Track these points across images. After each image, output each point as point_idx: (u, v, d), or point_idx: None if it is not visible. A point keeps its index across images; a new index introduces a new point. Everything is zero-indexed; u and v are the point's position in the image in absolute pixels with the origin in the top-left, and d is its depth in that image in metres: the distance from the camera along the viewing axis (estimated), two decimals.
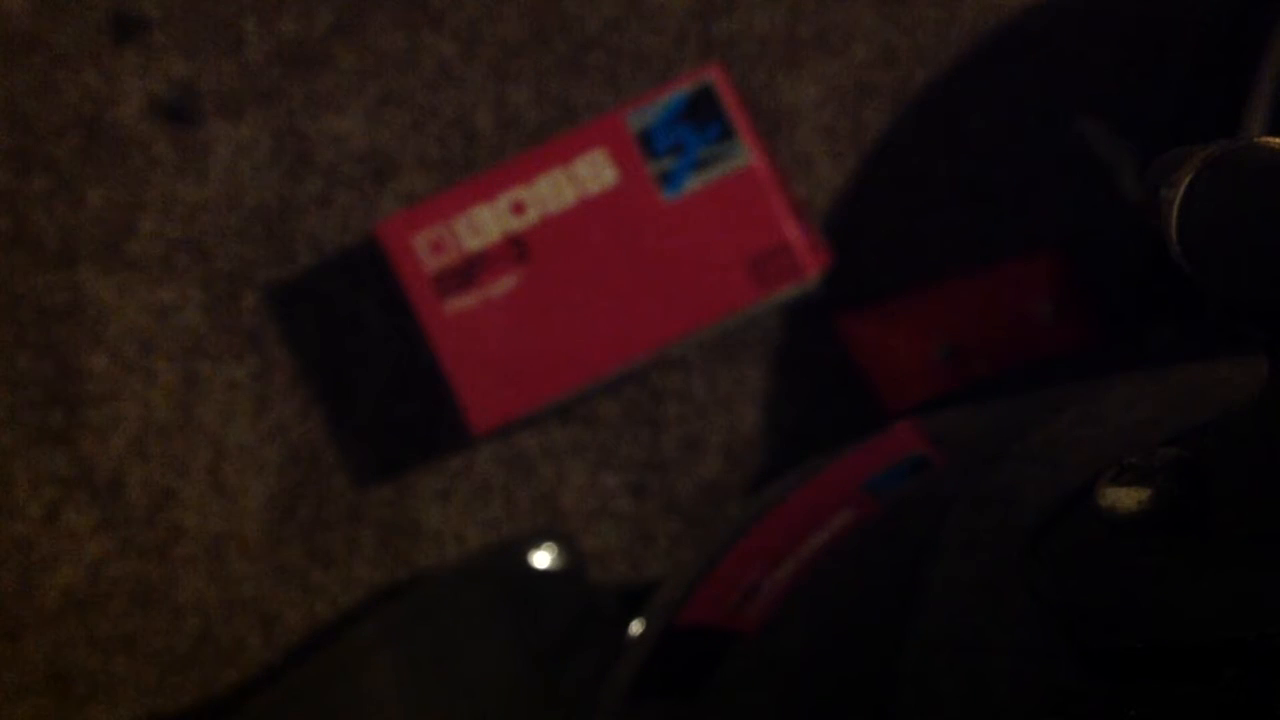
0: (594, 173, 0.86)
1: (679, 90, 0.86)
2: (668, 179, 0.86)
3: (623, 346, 0.86)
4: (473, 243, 0.87)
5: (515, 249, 0.87)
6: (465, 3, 0.95)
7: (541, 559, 0.89)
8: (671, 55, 0.94)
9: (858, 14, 0.94)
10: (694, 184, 0.86)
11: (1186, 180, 0.38)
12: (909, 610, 0.47)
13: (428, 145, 0.95)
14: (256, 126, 0.96)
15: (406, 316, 0.93)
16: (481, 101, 0.95)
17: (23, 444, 0.97)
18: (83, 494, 0.96)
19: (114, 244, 0.96)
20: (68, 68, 0.97)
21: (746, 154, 0.86)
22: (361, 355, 0.95)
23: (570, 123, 0.94)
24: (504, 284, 0.87)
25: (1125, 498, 0.39)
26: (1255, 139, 0.37)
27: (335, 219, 0.96)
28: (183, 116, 0.96)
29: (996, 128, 0.93)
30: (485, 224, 0.87)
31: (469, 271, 0.87)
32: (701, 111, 0.86)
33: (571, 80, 0.95)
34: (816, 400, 0.94)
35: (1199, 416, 0.41)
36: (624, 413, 0.95)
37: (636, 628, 0.63)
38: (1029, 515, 0.45)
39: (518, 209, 0.87)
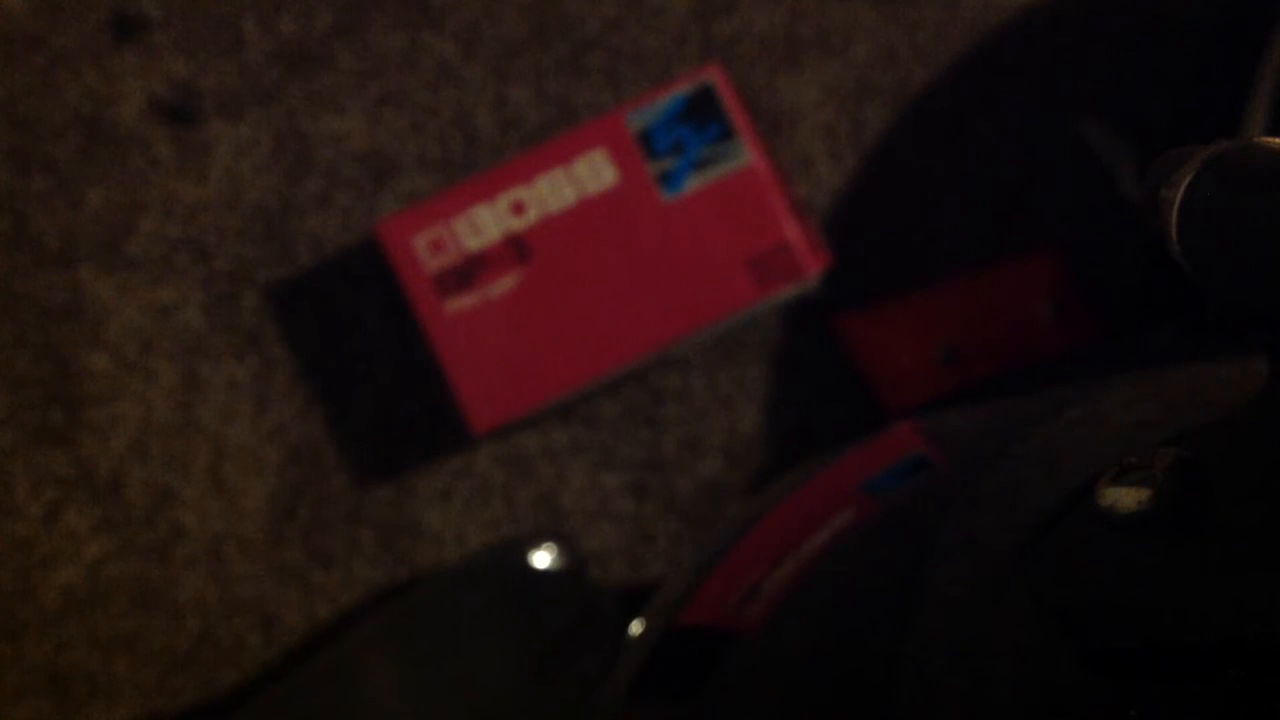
0: (594, 173, 0.86)
1: (679, 90, 0.86)
2: (668, 179, 0.86)
3: (623, 346, 0.86)
4: (473, 243, 0.87)
5: (515, 249, 0.87)
6: (465, 3, 0.95)
7: (541, 559, 0.89)
8: (671, 55, 0.94)
9: (858, 14, 0.94)
10: (694, 184, 0.86)
11: (1186, 180, 0.38)
12: (909, 610, 0.47)
13: (428, 145, 0.95)
14: (256, 126, 0.96)
15: (406, 316, 0.93)
16: (481, 101, 0.95)
17: (23, 444, 0.97)
18: (83, 494, 0.96)
19: (114, 244, 0.96)
20: (68, 68, 0.97)
21: (746, 154, 0.86)
22: (361, 355, 0.95)
23: (570, 123, 0.94)
24: (504, 284, 0.87)
25: (1125, 498, 0.39)
26: (1255, 139, 0.37)
27: (335, 219, 0.96)
28: (183, 116, 0.96)
29: (996, 128, 0.93)
30: (485, 224, 0.87)
31: (469, 271, 0.87)
32: (701, 111, 0.86)
33: (571, 80, 0.95)
34: (816, 400, 0.94)
35: (1199, 416, 0.41)
36: (624, 413, 0.95)
37: (636, 628, 0.63)
38: (1029, 515, 0.45)
39: (518, 209, 0.87)
